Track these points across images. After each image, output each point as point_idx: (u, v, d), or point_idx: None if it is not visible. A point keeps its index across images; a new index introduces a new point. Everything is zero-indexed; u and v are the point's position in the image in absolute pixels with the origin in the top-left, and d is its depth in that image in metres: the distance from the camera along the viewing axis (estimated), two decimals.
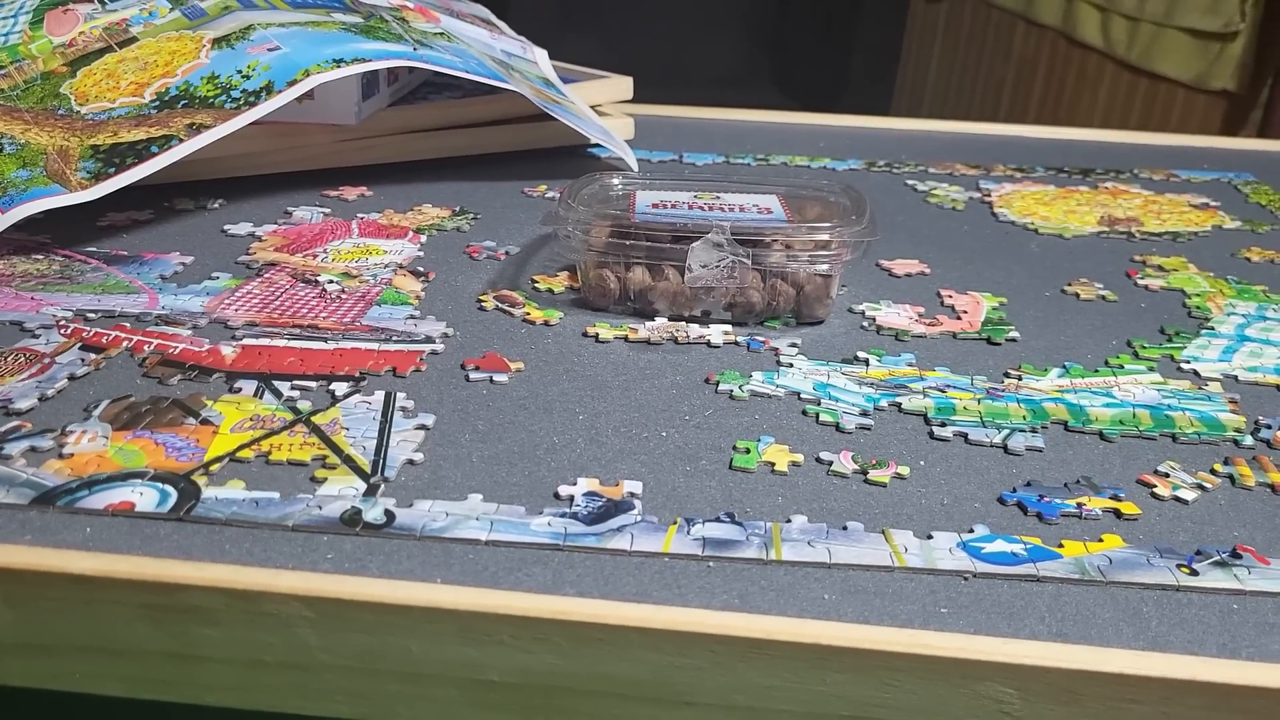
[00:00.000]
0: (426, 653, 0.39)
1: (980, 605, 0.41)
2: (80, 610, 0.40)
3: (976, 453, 0.51)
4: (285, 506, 0.45)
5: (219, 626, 0.39)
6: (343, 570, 0.41)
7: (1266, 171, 0.96)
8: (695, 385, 0.56)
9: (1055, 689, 0.37)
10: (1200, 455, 0.52)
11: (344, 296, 0.64)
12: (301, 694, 0.40)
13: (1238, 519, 0.47)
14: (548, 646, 0.39)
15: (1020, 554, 0.43)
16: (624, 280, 0.63)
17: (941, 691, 0.38)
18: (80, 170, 0.68)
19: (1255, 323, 0.65)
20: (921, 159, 0.96)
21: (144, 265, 0.68)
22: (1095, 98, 2.31)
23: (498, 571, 0.41)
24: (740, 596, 0.40)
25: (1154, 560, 0.44)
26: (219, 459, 0.48)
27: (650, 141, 0.98)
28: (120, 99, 0.72)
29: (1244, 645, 0.39)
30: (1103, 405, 0.55)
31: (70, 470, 0.46)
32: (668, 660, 0.38)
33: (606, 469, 0.48)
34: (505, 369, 0.57)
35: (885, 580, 0.42)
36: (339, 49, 0.74)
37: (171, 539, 0.42)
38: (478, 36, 0.89)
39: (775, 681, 0.38)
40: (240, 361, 0.56)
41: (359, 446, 0.49)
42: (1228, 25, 2.01)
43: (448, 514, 0.45)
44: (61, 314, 0.60)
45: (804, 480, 0.48)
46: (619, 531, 0.44)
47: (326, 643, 0.39)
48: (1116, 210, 0.84)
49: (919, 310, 0.66)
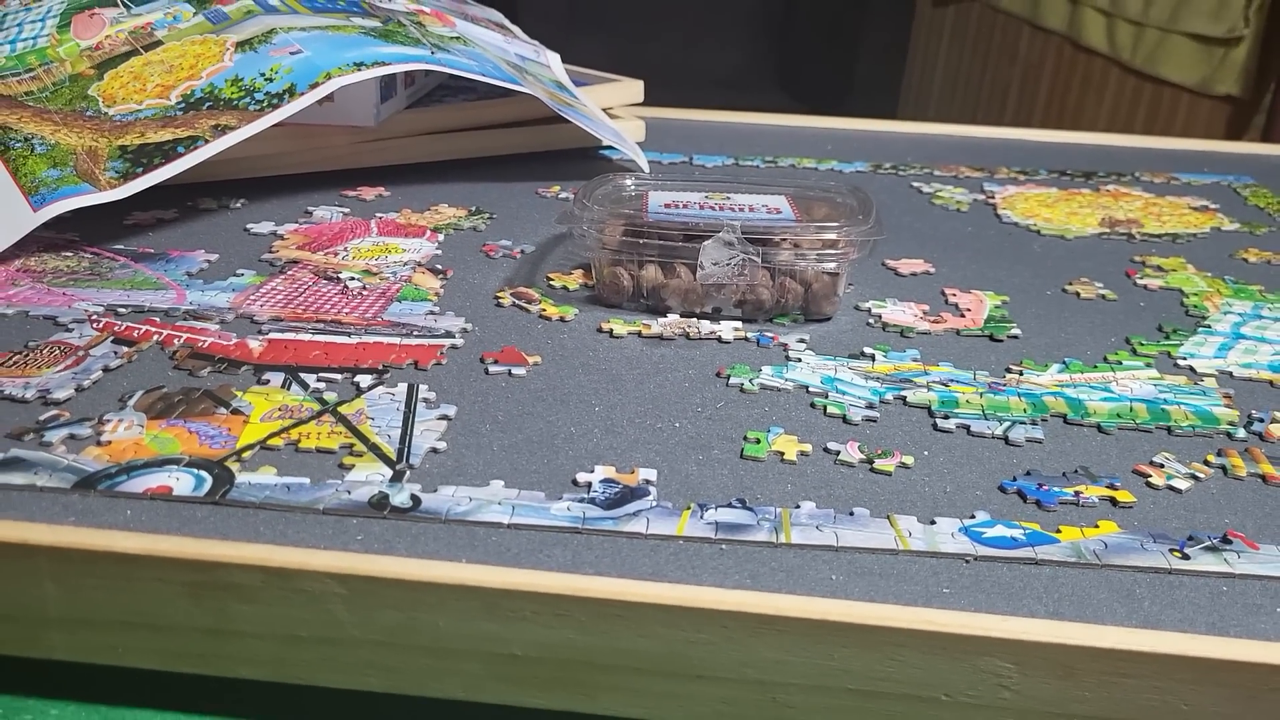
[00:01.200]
0: (453, 628, 0.41)
1: (980, 586, 0.43)
2: (124, 587, 0.42)
3: (978, 444, 0.53)
4: (316, 491, 0.47)
5: (255, 603, 0.41)
6: (372, 550, 0.43)
7: (1266, 175, 0.98)
8: (707, 379, 0.58)
9: (1051, 664, 0.39)
10: (1194, 447, 0.53)
11: (365, 293, 0.66)
12: (334, 668, 0.42)
13: (1229, 507, 0.49)
14: (568, 622, 0.40)
15: (1019, 538, 0.45)
16: (637, 278, 0.65)
17: (943, 666, 0.40)
18: (109, 170, 0.70)
19: (1251, 321, 0.67)
20: (927, 161, 0.98)
21: (170, 262, 0.70)
22: (1100, 102, 2.32)
23: (520, 553, 0.43)
24: (751, 577, 0.42)
25: (1147, 545, 0.45)
26: (250, 446, 0.50)
27: (661, 144, 1.00)
28: (147, 101, 0.74)
29: (1232, 624, 0.41)
30: (1101, 399, 0.57)
31: (109, 456, 0.48)
32: (683, 635, 0.40)
33: (622, 457, 0.50)
34: (523, 362, 0.59)
35: (890, 562, 0.44)
36: (359, 52, 0.76)
37: (208, 521, 0.44)
38: (492, 40, 0.91)
39: (785, 656, 0.40)
40: (267, 355, 0.58)
41: (384, 435, 0.51)
42: (1232, 31, 2.02)
43: (471, 499, 0.47)
44: (93, 309, 0.63)
45: (812, 469, 0.50)
46: (635, 516, 0.46)
47: (358, 618, 0.41)
48: (1117, 212, 0.86)
49: (924, 308, 0.68)
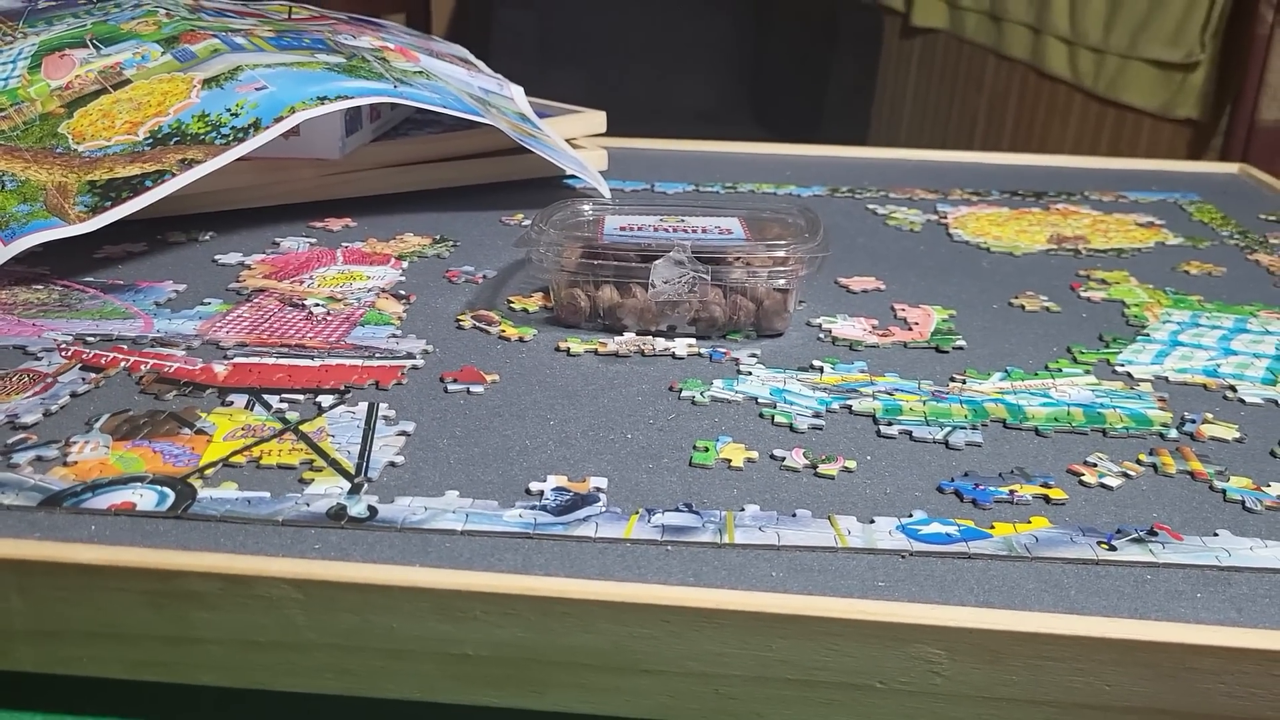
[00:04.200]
0: (407, 629, 0.42)
1: (915, 579, 0.44)
2: (87, 599, 0.43)
3: (920, 448, 0.55)
4: (275, 504, 0.48)
5: (215, 610, 0.43)
6: (329, 558, 0.44)
7: (1212, 192, 1.01)
8: (660, 393, 0.60)
9: (979, 649, 0.41)
10: (1128, 447, 0.55)
11: (330, 318, 0.68)
12: (292, 672, 0.44)
13: (1158, 502, 0.51)
14: (517, 621, 0.42)
15: (954, 534, 0.47)
16: (594, 298, 0.67)
17: (876, 654, 0.41)
18: (78, 204, 0.72)
19: (1189, 329, 0.69)
20: (884, 185, 1.01)
21: (139, 293, 0.71)
22: (1065, 128, 2.37)
23: (472, 557, 0.45)
24: (695, 575, 0.44)
25: (1076, 538, 0.47)
26: (213, 464, 0.51)
27: (625, 172, 1.02)
28: (115, 137, 0.76)
29: (1153, 609, 0.43)
30: (1040, 404, 0.59)
31: (75, 476, 0.50)
32: (627, 631, 0.42)
33: (574, 467, 0.52)
34: (481, 381, 0.61)
35: (829, 559, 0.46)
36: (322, 87, 0.78)
37: (170, 534, 0.46)
38: (456, 75, 0.94)
39: (725, 649, 0.42)
40: (232, 378, 0.60)
41: (344, 451, 0.53)
42: (1189, 56, 2.07)
43: (426, 508, 0.48)
44: (62, 338, 0.64)
45: (758, 475, 0.52)
46: (585, 521, 0.48)
47: (314, 622, 0.43)
48: (1066, 229, 0.89)
49: (873, 323, 0.70)
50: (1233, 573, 0.46)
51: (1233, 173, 1.09)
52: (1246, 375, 0.63)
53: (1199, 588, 0.44)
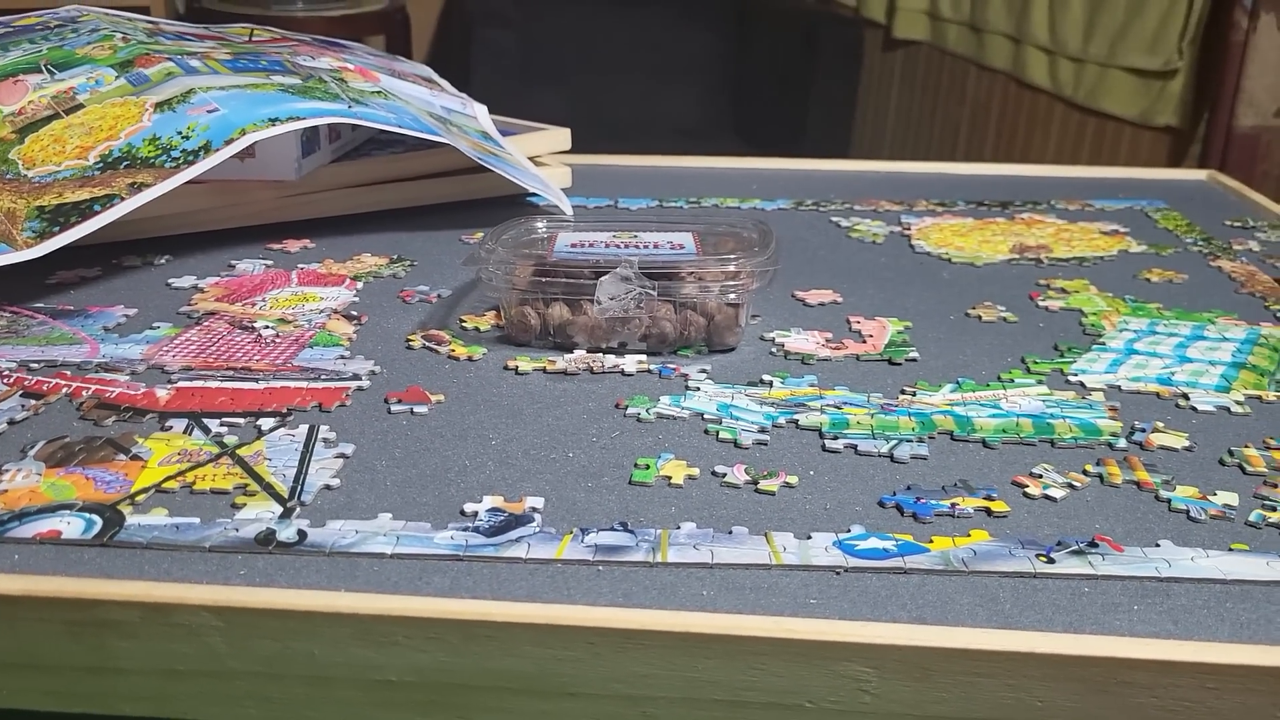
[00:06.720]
0: (328, 656, 0.42)
1: (848, 596, 0.44)
2: (5, 630, 0.43)
3: (864, 462, 0.54)
4: (204, 530, 0.48)
5: (134, 639, 0.42)
6: (253, 584, 0.44)
7: (1178, 199, 1.01)
8: (606, 410, 0.59)
9: (909, 666, 0.40)
10: (1075, 458, 0.55)
11: (278, 340, 0.67)
12: (214, 700, 0.43)
13: (1101, 513, 0.50)
14: (440, 645, 0.41)
15: (890, 549, 0.47)
16: (544, 316, 0.67)
17: (804, 673, 0.41)
18: (26, 230, 0.71)
19: (1145, 337, 0.69)
20: (850, 197, 1.00)
21: (89, 318, 0.71)
22: (1047, 137, 2.37)
23: (400, 581, 0.44)
24: (624, 595, 0.43)
25: (1015, 551, 0.47)
26: (145, 490, 0.51)
27: (590, 189, 1.02)
28: (66, 162, 0.75)
29: (1089, 623, 0.42)
30: (989, 416, 0.59)
31: (3, 505, 0.49)
32: (551, 654, 0.41)
33: (512, 487, 0.51)
34: (426, 401, 0.60)
35: (762, 577, 0.45)
36: (274, 109, 0.78)
37: (95, 562, 0.45)
38: (417, 94, 0.93)
39: (651, 670, 0.41)
40: (174, 402, 0.59)
41: (279, 475, 0.52)
42: (1167, 64, 2.07)
43: (357, 531, 0.48)
44: (5, 365, 0.64)
45: (698, 492, 0.51)
46: (517, 542, 0.47)
47: (236, 650, 0.42)
48: (1029, 239, 0.88)
49: (827, 336, 0.69)
50: (1172, 583, 0.45)
51: (1201, 179, 1.09)
52: (1200, 383, 0.63)
53: (1137, 599, 0.44)
